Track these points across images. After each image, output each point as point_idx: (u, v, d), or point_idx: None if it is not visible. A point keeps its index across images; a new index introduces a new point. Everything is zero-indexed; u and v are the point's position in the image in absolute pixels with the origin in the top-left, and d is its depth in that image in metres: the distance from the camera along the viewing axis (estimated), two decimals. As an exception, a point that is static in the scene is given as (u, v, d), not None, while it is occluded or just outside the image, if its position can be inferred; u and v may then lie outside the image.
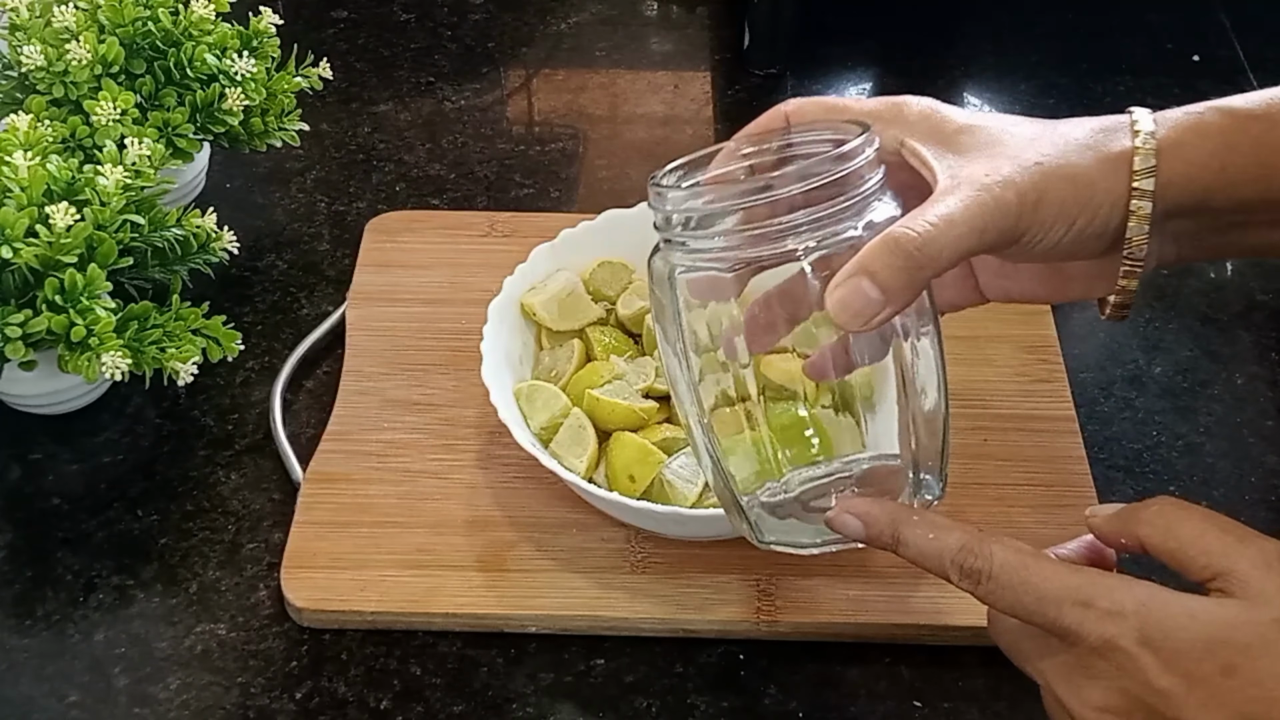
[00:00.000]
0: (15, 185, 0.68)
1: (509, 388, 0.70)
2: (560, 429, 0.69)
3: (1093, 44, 1.02)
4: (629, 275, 0.76)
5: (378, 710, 0.65)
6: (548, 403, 0.70)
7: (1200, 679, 0.47)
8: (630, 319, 0.75)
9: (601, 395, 0.70)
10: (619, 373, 0.71)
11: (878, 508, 0.54)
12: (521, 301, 0.73)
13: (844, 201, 0.53)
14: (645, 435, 0.69)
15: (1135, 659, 0.48)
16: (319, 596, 0.67)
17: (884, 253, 0.51)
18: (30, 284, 0.68)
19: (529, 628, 0.67)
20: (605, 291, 0.75)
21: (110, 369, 0.68)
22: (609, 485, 0.68)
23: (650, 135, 0.95)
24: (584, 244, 0.76)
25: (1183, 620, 0.48)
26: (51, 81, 0.76)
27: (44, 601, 0.69)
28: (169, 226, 0.74)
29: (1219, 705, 0.47)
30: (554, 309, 0.73)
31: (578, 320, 0.74)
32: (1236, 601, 0.48)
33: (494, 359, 0.70)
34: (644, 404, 0.70)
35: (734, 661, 0.66)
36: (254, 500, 0.73)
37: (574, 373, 0.72)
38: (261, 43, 0.82)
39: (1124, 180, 0.55)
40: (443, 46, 1.02)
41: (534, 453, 0.66)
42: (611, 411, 0.69)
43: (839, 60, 1.01)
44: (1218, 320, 0.83)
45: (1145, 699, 0.48)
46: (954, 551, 0.52)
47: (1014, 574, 0.50)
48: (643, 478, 0.67)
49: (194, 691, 0.65)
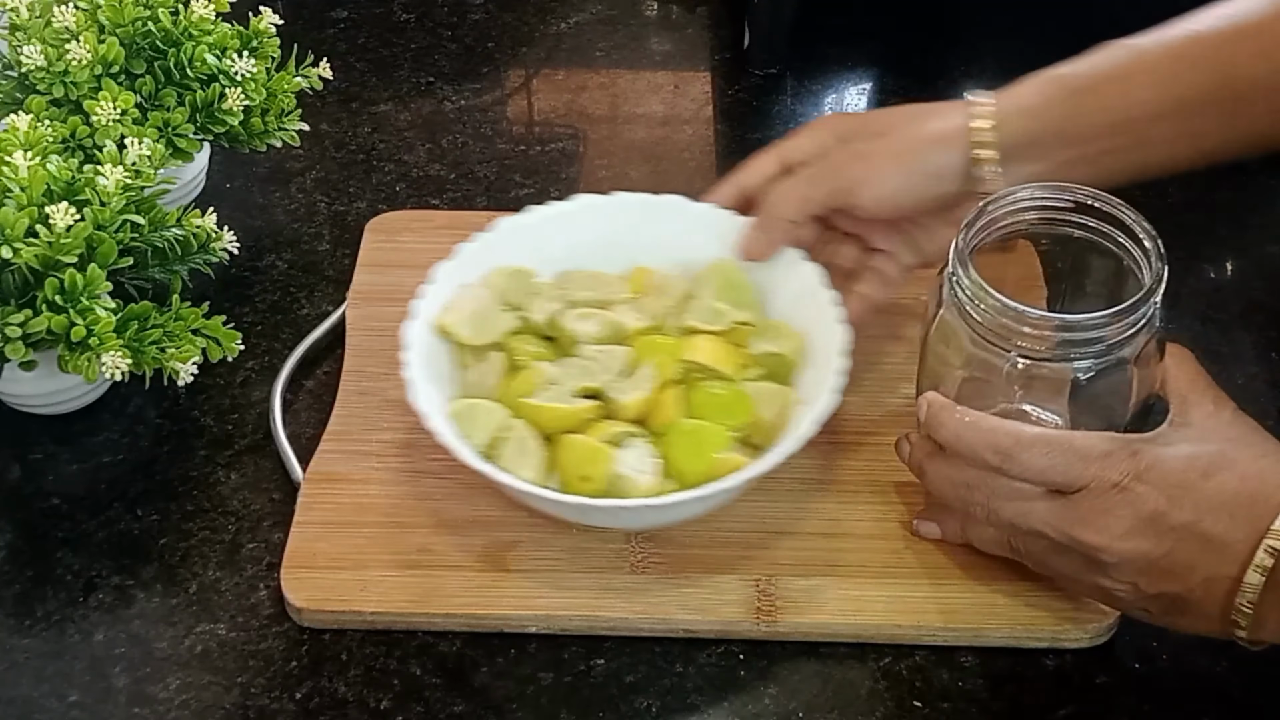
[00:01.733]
0: (15, 185, 0.68)
1: (443, 410, 0.69)
2: (505, 443, 0.68)
3: (1093, 44, 1.02)
4: (532, 280, 0.75)
5: (378, 710, 0.65)
6: (487, 418, 0.69)
7: (1186, 486, 0.59)
8: (545, 323, 0.73)
9: (540, 403, 0.69)
10: (550, 377, 0.70)
11: None
12: (438, 323, 0.72)
13: None
14: (589, 434, 0.69)
15: (1136, 490, 0.59)
16: (319, 596, 0.67)
17: None
18: (30, 284, 0.68)
19: (529, 628, 0.67)
20: (511, 299, 0.74)
21: (110, 369, 0.68)
22: (563, 490, 0.67)
23: (650, 135, 0.95)
24: (482, 255, 0.75)
25: (1163, 449, 0.60)
26: (51, 81, 0.76)
27: (44, 601, 0.69)
28: (169, 226, 0.74)
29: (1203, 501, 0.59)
30: (469, 325, 0.72)
31: (495, 332, 0.72)
32: (1192, 426, 0.61)
33: (423, 383, 0.68)
34: (583, 404, 0.69)
35: (734, 661, 0.66)
36: (254, 500, 0.73)
37: (502, 385, 0.71)
38: (261, 43, 0.82)
39: (957, 123, 0.69)
40: (443, 46, 1.02)
41: (485, 470, 0.65)
42: (553, 417, 0.69)
43: (839, 60, 1.01)
44: (1218, 320, 0.83)
45: (1152, 518, 0.59)
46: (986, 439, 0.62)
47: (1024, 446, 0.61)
48: (597, 476, 0.67)
49: (194, 691, 0.65)
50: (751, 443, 0.69)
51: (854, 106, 0.99)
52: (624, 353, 0.71)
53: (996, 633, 0.66)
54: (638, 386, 0.69)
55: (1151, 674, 0.66)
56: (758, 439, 0.69)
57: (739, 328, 0.73)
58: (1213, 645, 0.67)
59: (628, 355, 0.71)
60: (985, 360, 0.64)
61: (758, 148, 0.75)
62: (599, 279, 0.75)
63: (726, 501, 0.68)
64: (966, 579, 0.68)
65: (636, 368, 0.71)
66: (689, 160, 0.94)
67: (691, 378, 0.71)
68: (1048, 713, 0.65)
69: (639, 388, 0.69)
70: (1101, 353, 0.63)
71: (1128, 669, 0.66)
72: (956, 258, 0.64)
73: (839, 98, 0.99)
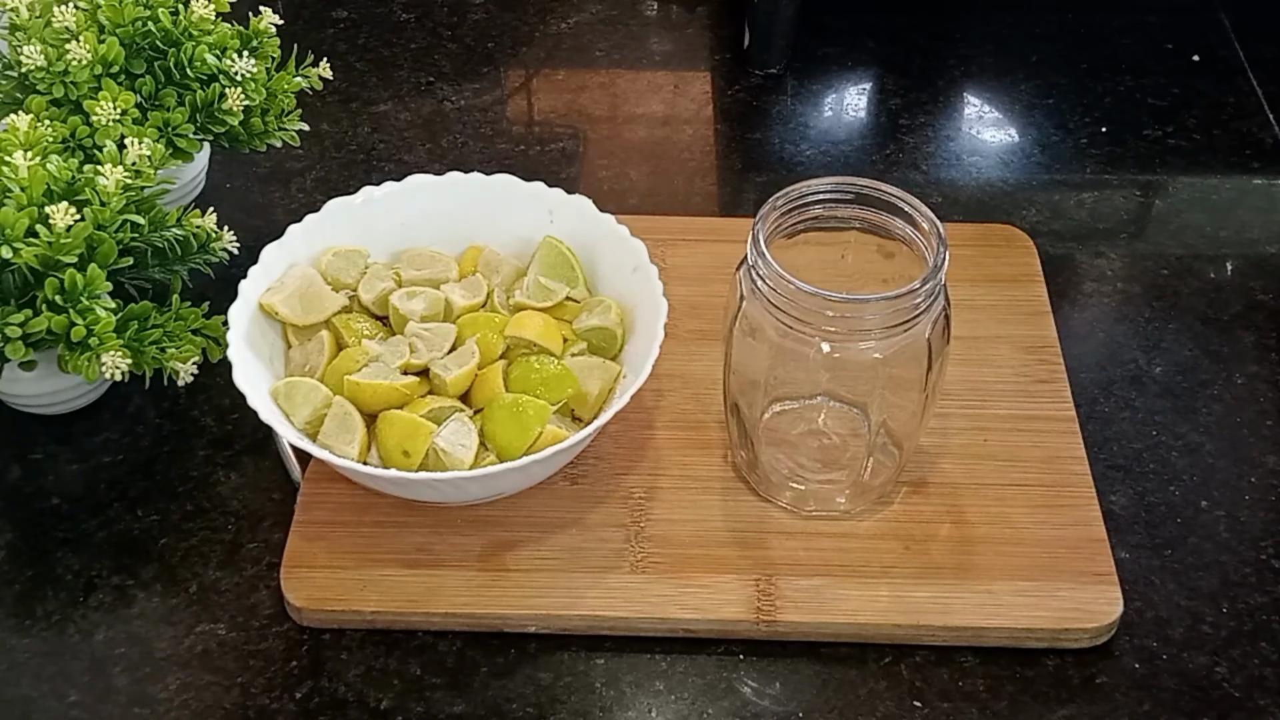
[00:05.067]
0: (15, 185, 0.68)
1: (265, 390, 0.69)
2: (325, 419, 0.69)
3: (1093, 44, 1.02)
4: (364, 260, 0.76)
5: (378, 710, 0.65)
6: (308, 396, 0.70)
7: None
8: (375, 303, 0.74)
9: (361, 379, 0.70)
10: (374, 355, 0.71)
11: None
12: (260, 303, 0.72)
13: None
14: (411, 409, 0.69)
15: None
16: (319, 596, 0.67)
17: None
18: (30, 284, 0.68)
19: (529, 627, 0.67)
20: (343, 279, 0.75)
21: (110, 369, 0.68)
22: (384, 465, 0.68)
23: (650, 135, 0.95)
24: (313, 236, 0.75)
25: None
26: (51, 81, 0.76)
27: (44, 601, 0.69)
28: (169, 226, 0.74)
29: None
30: (296, 304, 0.73)
31: (322, 312, 0.73)
32: None
33: (244, 363, 0.69)
34: (405, 380, 0.70)
35: (734, 662, 0.66)
36: (254, 500, 0.73)
37: (328, 363, 0.72)
38: (261, 43, 0.82)
39: None
40: (442, 46, 1.02)
41: (304, 445, 0.66)
42: (374, 393, 0.69)
43: (839, 60, 1.01)
44: (1218, 320, 0.83)
45: None
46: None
47: None
48: (416, 451, 0.68)
49: (194, 691, 0.65)
50: (578, 416, 0.71)
51: (854, 106, 0.99)
52: (451, 331, 0.72)
53: (997, 633, 0.66)
54: (461, 363, 0.70)
55: (1151, 674, 0.66)
56: (583, 412, 0.70)
57: (565, 304, 0.74)
58: (1211, 646, 0.67)
59: (455, 333, 0.72)
60: (792, 350, 0.66)
61: (758, 148, 0.75)
62: (430, 258, 0.76)
63: (546, 474, 0.69)
64: (966, 579, 0.68)
65: (462, 345, 0.72)
66: (689, 160, 0.94)
67: (517, 354, 0.72)
68: (1047, 713, 0.65)
69: (462, 364, 0.70)
70: (901, 331, 0.64)
71: (1128, 669, 0.66)
72: (754, 249, 0.65)
73: (839, 98, 0.99)
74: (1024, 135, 0.95)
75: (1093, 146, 0.94)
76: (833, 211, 0.68)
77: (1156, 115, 0.96)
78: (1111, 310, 0.84)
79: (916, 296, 0.63)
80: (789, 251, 0.67)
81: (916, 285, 0.63)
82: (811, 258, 0.68)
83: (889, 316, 0.64)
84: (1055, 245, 0.86)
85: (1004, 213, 0.89)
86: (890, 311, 0.64)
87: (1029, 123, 0.96)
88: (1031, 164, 0.93)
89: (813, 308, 0.64)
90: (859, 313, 0.64)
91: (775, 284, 0.64)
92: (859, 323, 0.64)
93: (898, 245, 0.68)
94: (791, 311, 0.64)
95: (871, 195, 0.67)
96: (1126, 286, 0.85)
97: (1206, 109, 0.96)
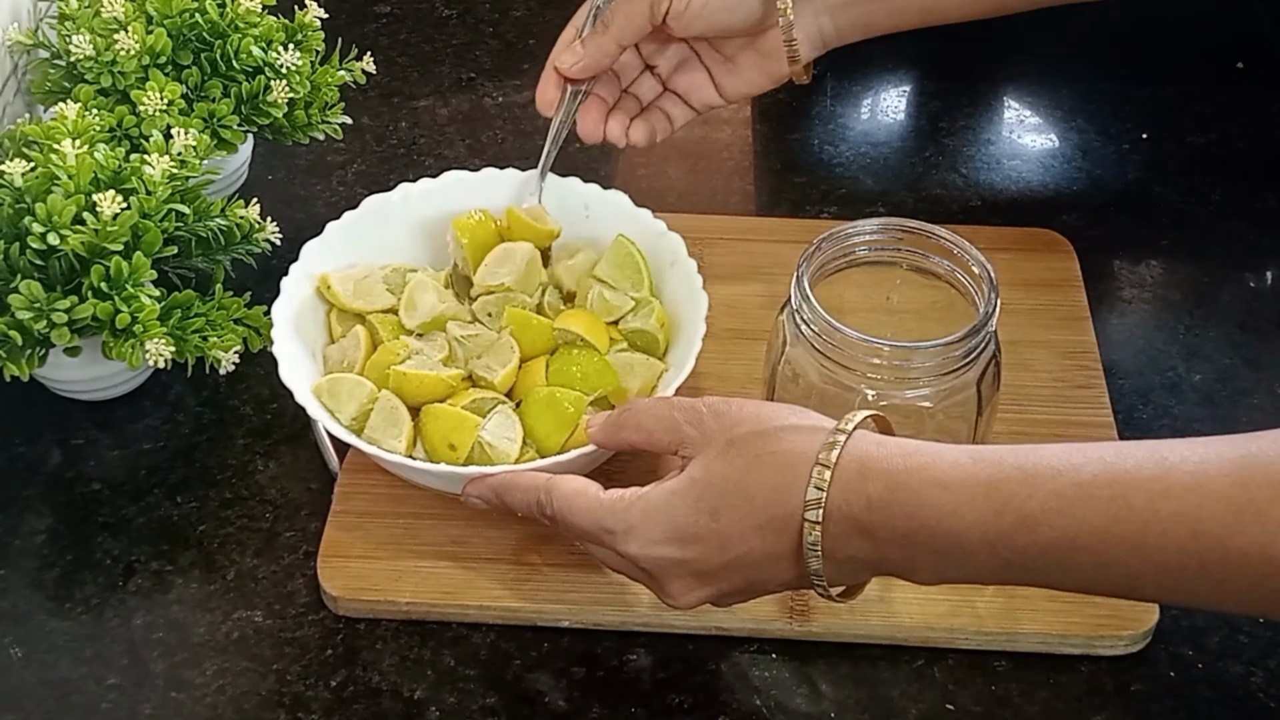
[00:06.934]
0: (63, 173, 0.69)
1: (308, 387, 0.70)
2: (371, 414, 0.69)
3: (1136, 50, 1.02)
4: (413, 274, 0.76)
5: (411, 699, 0.65)
6: (352, 392, 0.70)
7: (697, 535, 0.57)
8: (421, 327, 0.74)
9: (408, 370, 0.70)
10: (414, 349, 0.71)
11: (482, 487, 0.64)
12: (320, 275, 0.74)
13: None
14: (454, 402, 0.69)
15: (652, 556, 0.58)
16: (354, 586, 0.68)
17: None
18: (77, 271, 0.69)
19: (562, 621, 0.67)
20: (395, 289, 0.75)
21: (153, 356, 0.69)
22: (430, 459, 0.68)
23: (689, 134, 0.95)
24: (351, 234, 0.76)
25: (663, 504, 0.58)
26: (100, 71, 0.77)
27: (83, 585, 0.70)
28: (213, 216, 0.74)
29: (724, 541, 0.57)
30: (349, 286, 0.74)
31: (370, 302, 0.74)
32: (695, 460, 0.58)
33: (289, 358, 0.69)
34: (450, 371, 0.70)
35: (766, 660, 0.66)
36: (291, 489, 0.74)
37: (365, 358, 0.72)
38: (306, 36, 0.82)
39: None
40: (484, 43, 1.03)
41: (351, 440, 0.66)
42: (420, 384, 0.69)
43: (879, 62, 1.01)
44: (1258, 328, 0.82)
45: (684, 571, 0.58)
46: (534, 502, 0.62)
47: (565, 514, 0.60)
48: (463, 444, 0.67)
49: (230, 677, 0.66)
50: None
51: (894, 108, 0.99)
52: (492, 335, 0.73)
53: (1030, 638, 0.66)
54: (503, 362, 0.71)
55: (1186, 683, 0.66)
56: None
57: None
58: (1248, 655, 0.67)
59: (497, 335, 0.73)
60: (835, 395, 0.64)
61: (797, 148, 0.75)
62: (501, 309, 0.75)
63: (589, 467, 0.67)
64: (1001, 583, 0.67)
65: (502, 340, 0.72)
66: (727, 160, 0.94)
67: (562, 348, 0.72)
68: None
69: (504, 363, 0.70)
70: (949, 378, 0.63)
71: (1162, 677, 0.66)
72: (799, 292, 0.64)
73: (878, 98, 0.99)
74: (1065, 140, 0.95)
75: (1134, 152, 0.94)
76: (879, 254, 0.68)
77: (1199, 122, 0.95)
78: (1151, 317, 0.84)
79: (968, 343, 0.62)
80: (833, 287, 0.66)
81: (967, 333, 0.62)
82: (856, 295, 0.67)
83: (939, 365, 0.62)
84: (1095, 250, 0.86)
85: (1044, 217, 0.89)
86: (940, 359, 0.62)
87: (1070, 127, 0.96)
88: (1072, 169, 0.93)
89: (860, 354, 0.63)
90: (907, 359, 0.62)
91: (820, 329, 0.63)
92: (906, 369, 0.63)
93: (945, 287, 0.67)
94: (836, 357, 0.63)
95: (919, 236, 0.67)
96: (1166, 293, 0.85)
97: (1250, 117, 0.96)
